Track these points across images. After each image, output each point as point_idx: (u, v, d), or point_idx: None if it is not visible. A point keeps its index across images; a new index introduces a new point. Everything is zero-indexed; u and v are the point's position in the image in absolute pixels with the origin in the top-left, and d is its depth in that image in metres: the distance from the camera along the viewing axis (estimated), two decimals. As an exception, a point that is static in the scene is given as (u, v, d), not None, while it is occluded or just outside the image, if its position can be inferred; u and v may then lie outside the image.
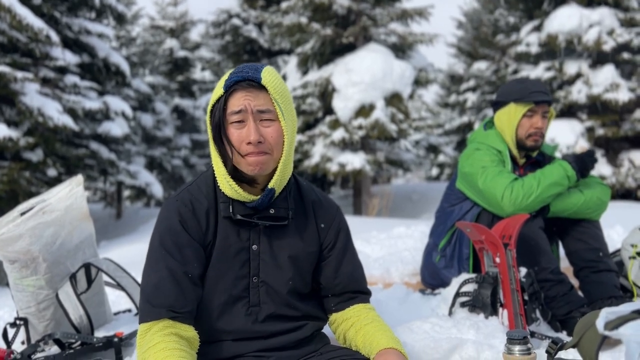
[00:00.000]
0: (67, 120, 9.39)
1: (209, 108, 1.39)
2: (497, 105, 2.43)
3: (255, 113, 1.34)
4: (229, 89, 1.35)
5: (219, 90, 1.37)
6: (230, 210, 1.40)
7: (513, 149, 2.38)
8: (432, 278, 2.55)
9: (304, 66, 12.93)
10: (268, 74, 1.37)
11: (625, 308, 1.06)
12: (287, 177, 1.43)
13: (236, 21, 17.03)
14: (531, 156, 2.46)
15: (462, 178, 2.41)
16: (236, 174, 1.38)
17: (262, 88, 1.35)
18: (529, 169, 2.45)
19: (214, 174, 1.42)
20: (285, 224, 1.44)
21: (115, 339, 1.87)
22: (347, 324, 1.50)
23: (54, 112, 9.19)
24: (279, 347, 1.42)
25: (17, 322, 2.02)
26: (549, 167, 2.21)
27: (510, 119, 2.34)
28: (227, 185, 1.37)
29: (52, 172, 10.14)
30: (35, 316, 2.03)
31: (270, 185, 1.38)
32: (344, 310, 1.53)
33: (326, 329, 1.59)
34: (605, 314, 1.05)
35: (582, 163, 2.22)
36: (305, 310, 1.49)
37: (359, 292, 1.55)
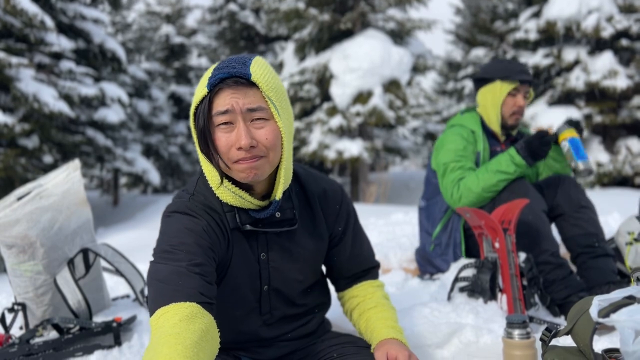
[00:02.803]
0: (62, 107, 9.33)
1: (192, 110, 1.20)
2: (480, 82, 2.44)
3: (245, 112, 1.16)
4: (214, 88, 1.17)
5: (201, 89, 1.18)
6: (238, 221, 1.27)
7: (496, 126, 2.42)
8: (429, 266, 2.55)
9: (301, 52, 12.86)
10: (258, 68, 1.19)
11: (618, 294, 1.05)
12: (289, 180, 1.29)
13: (233, 7, 16.90)
14: (511, 134, 2.51)
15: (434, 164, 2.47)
16: (228, 179, 1.24)
17: (252, 84, 1.17)
18: (510, 146, 2.49)
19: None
20: (294, 228, 1.32)
21: (114, 324, 1.87)
22: (352, 303, 1.50)
23: (50, 99, 9.13)
24: (283, 346, 1.42)
25: (15, 307, 2.02)
26: (498, 156, 2.24)
27: (495, 96, 2.38)
28: (229, 194, 1.23)
29: (48, 158, 10.10)
30: (33, 301, 2.02)
31: (276, 198, 1.26)
32: (352, 287, 1.52)
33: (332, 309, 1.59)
34: (598, 301, 1.04)
35: (529, 146, 2.16)
36: (313, 302, 1.46)
37: (368, 268, 1.54)
